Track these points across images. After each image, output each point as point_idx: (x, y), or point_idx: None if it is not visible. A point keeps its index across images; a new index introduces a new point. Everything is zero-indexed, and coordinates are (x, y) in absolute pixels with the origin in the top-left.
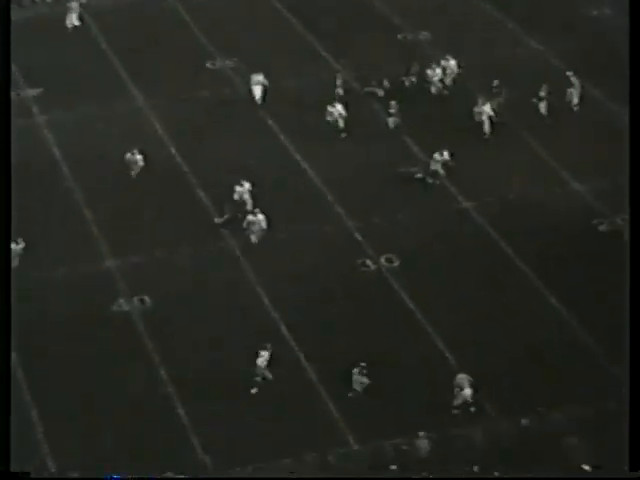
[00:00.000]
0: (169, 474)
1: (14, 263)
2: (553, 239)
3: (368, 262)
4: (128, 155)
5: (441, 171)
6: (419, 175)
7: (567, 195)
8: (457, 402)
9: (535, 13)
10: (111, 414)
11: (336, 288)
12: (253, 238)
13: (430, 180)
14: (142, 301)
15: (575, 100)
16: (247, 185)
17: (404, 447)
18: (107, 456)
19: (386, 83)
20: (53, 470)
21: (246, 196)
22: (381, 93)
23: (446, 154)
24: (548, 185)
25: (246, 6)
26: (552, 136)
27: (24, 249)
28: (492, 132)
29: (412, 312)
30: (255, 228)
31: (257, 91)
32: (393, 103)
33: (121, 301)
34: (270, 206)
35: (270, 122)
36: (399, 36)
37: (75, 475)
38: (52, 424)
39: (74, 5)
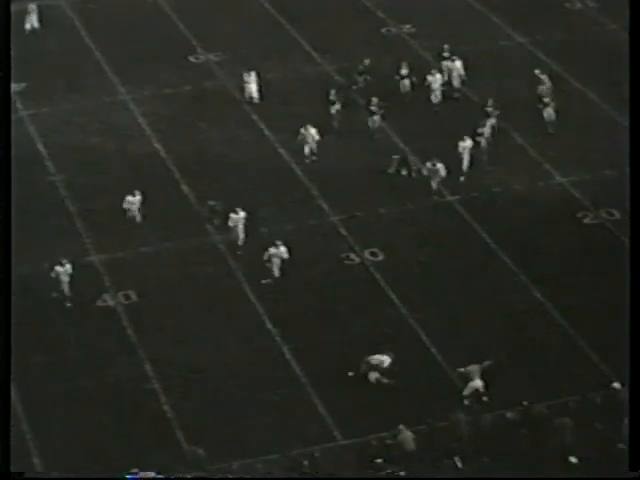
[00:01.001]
0: (151, 474)
1: (63, 286)
2: (538, 232)
3: (352, 256)
4: (129, 198)
5: (435, 186)
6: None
7: (551, 188)
8: (466, 392)
9: (519, 6)
10: (95, 410)
11: (321, 282)
12: (275, 271)
13: (405, 173)
14: (127, 296)
15: (546, 98)
16: (242, 213)
17: (388, 441)
18: (92, 453)
19: (361, 67)
20: (39, 469)
21: (240, 226)
22: (360, 80)
23: (440, 166)
24: (532, 178)
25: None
26: (535, 129)
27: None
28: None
29: (397, 306)
30: (276, 260)
31: (251, 90)
32: (375, 100)
33: (106, 296)
34: (254, 200)
35: (254, 117)
36: (383, 30)
37: (70, 475)
38: (36, 421)
39: (32, 7)
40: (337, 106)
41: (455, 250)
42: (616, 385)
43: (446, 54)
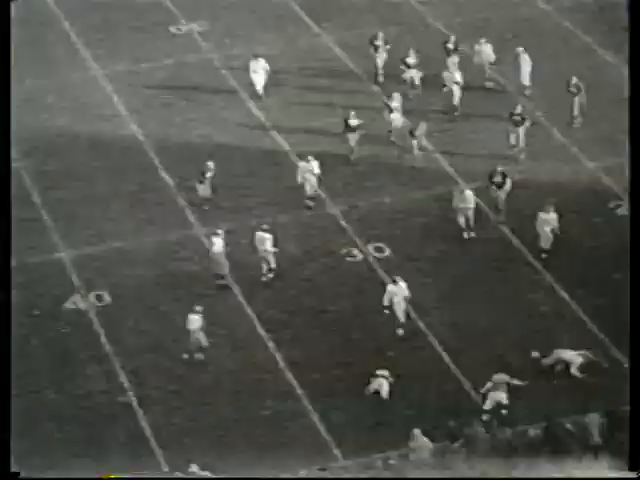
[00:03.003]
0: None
1: (201, 339)
2: (564, 224)
3: (355, 252)
4: (214, 238)
5: (463, 222)
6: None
7: (578, 174)
8: (487, 406)
9: None
10: (63, 427)
11: (319, 282)
12: (401, 315)
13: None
14: (99, 297)
15: (526, 82)
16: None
17: (391, 461)
18: (58, 474)
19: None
20: None
21: (270, 262)
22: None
23: (469, 193)
24: (557, 163)
25: None
26: (560, 108)
27: None
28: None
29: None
30: (398, 300)
31: (259, 80)
32: (397, 95)
33: (76, 297)
34: (244, 190)
35: (242, 95)
36: None
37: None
38: None
39: None
40: (353, 141)
41: (470, 245)
42: None
43: (450, 46)
